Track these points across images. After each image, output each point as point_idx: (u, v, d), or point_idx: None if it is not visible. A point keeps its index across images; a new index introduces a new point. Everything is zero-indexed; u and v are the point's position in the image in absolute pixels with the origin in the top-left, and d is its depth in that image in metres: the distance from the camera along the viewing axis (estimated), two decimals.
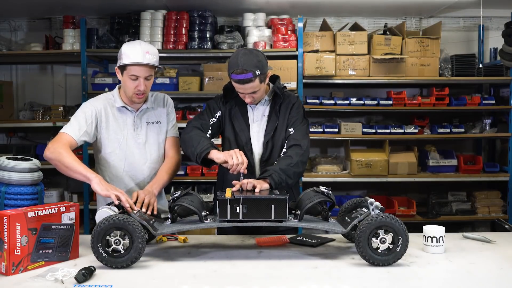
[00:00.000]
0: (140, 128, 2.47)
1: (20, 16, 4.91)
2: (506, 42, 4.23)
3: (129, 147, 2.44)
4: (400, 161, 4.51)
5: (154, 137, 2.50)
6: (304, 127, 2.45)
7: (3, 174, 2.09)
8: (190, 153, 2.32)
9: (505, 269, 1.86)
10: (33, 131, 4.90)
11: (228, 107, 2.50)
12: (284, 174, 2.21)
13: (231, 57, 2.34)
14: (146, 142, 2.47)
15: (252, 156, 2.45)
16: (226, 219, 1.93)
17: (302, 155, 2.32)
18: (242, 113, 2.48)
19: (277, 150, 2.43)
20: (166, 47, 4.42)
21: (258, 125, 2.48)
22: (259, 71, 2.28)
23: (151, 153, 2.49)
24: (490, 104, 4.59)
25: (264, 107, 2.49)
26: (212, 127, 2.45)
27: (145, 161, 2.48)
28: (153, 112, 2.52)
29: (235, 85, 2.34)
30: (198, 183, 4.70)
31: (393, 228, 1.85)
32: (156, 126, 2.51)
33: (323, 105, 4.51)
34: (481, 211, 4.60)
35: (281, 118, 2.45)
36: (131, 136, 2.45)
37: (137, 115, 2.47)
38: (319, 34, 4.49)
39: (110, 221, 1.82)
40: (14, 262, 1.77)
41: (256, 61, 2.28)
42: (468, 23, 5.00)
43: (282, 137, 2.44)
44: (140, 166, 2.47)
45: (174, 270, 1.86)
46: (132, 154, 2.45)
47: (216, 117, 2.48)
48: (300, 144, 2.34)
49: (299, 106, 2.52)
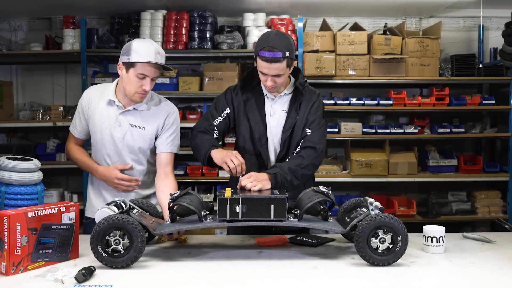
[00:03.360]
0: (121, 127, 2.41)
1: (20, 16, 4.91)
2: (506, 42, 4.23)
3: (106, 141, 2.42)
4: (400, 161, 4.51)
5: (130, 140, 2.41)
6: (322, 129, 2.38)
7: (3, 174, 2.09)
8: (199, 159, 2.33)
9: (505, 269, 1.86)
10: (33, 131, 4.90)
11: (243, 98, 2.41)
12: (291, 174, 2.19)
13: (261, 36, 2.28)
14: (122, 141, 2.41)
15: (267, 152, 2.39)
16: (226, 219, 1.93)
17: (315, 158, 2.29)
18: (258, 105, 2.39)
19: (293, 149, 2.36)
20: (166, 47, 4.42)
21: (276, 120, 2.39)
22: (289, 54, 2.21)
23: (125, 152, 2.42)
24: (490, 104, 4.59)
25: (284, 101, 2.41)
26: (218, 127, 2.39)
27: (119, 158, 2.43)
28: (141, 115, 2.41)
29: (261, 63, 2.24)
30: (198, 183, 4.71)
31: (392, 228, 1.85)
32: (138, 131, 2.41)
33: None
34: (481, 211, 4.60)
35: (300, 116, 2.37)
36: (109, 130, 2.41)
37: (122, 112, 2.40)
38: (319, 34, 4.49)
39: (109, 221, 1.82)
40: (14, 262, 1.77)
41: (287, 43, 2.22)
42: (468, 23, 5.01)
43: (299, 136, 2.36)
44: (115, 161, 2.45)
45: (174, 270, 1.86)
46: (105, 147, 2.44)
47: (223, 115, 2.40)
48: (315, 147, 2.30)
49: (319, 105, 2.43)
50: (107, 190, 2.47)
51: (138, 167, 2.47)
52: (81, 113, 2.48)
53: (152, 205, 2.18)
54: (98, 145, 2.46)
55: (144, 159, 2.47)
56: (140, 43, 2.29)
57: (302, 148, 2.32)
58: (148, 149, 2.46)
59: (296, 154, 2.30)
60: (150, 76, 2.30)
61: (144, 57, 2.26)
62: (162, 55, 2.32)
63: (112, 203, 1.99)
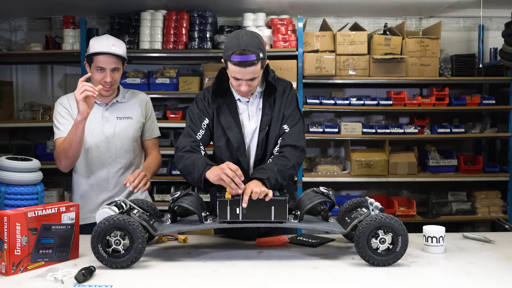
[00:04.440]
0: (109, 122, 2.52)
1: (20, 16, 4.91)
2: (506, 42, 4.22)
3: (94, 140, 2.49)
4: (400, 161, 4.51)
5: (122, 131, 2.54)
6: (299, 124, 2.25)
7: (3, 174, 2.09)
8: (192, 181, 2.12)
9: (505, 269, 1.86)
10: (33, 131, 4.89)
11: (215, 106, 2.24)
12: (280, 176, 2.09)
13: (228, 39, 2.12)
14: (114, 135, 2.52)
15: (247, 159, 2.25)
16: (226, 220, 1.93)
17: (299, 157, 2.18)
18: (231, 111, 2.23)
19: (271, 148, 2.23)
20: (166, 47, 4.42)
21: (255, 121, 2.26)
22: (262, 55, 2.09)
23: (117, 146, 2.53)
24: (490, 104, 4.59)
25: (258, 100, 2.27)
26: (202, 141, 2.22)
27: (110, 155, 2.53)
28: (124, 107, 2.57)
29: (233, 68, 2.08)
30: None
31: (392, 228, 1.85)
32: (126, 121, 2.56)
33: (323, 105, 4.51)
34: (481, 211, 4.60)
35: (276, 111, 2.23)
36: (98, 129, 2.50)
37: (106, 108, 2.52)
38: (319, 34, 4.48)
39: (110, 221, 1.82)
40: (14, 262, 1.77)
41: (258, 42, 2.09)
42: (468, 23, 5.00)
43: (276, 133, 2.23)
44: (104, 160, 2.52)
45: (174, 270, 1.86)
46: (97, 148, 2.50)
47: (203, 127, 2.23)
48: (296, 144, 2.18)
49: (293, 97, 2.29)
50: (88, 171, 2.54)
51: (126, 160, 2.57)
52: (68, 115, 2.50)
53: (152, 205, 2.18)
54: (86, 145, 2.49)
55: (133, 149, 2.58)
56: (95, 39, 2.46)
57: (282, 146, 2.19)
58: (138, 136, 2.61)
59: (278, 154, 2.17)
60: (108, 68, 2.41)
61: (97, 49, 2.39)
62: (119, 46, 2.43)
63: (113, 203, 1.99)
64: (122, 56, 2.45)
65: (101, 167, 2.53)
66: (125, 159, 2.57)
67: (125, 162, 2.57)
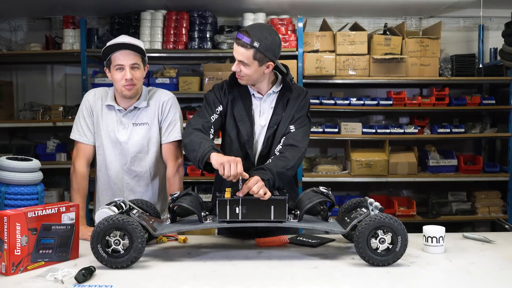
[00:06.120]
0: (125, 129, 2.41)
1: (20, 16, 4.91)
2: (506, 42, 4.23)
3: (107, 145, 2.42)
4: (400, 161, 4.51)
5: (137, 138, 2.41)
6: (305, 127, 2.31)
7: (3, 174, 2.09)
8: (193, 159, 2.13)
9: (505, 269, 1.86)
10: (33, 131, 4.90)
11: (230, 97, 2.31)
12: (279, 178, 2.10)
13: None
14: (128, 142, 2.41)
15: (253, 153, 2.30)
16: (226, 220, 1.93)
17: (299, 158, 2.20)
18: (245, 104, 2.30)
19: (275, 146, 2.27)
20: (166, 47, 4.42)
21: (266, 119, 2.31)
22: (261, 48, 2.11)
23: (129, 153, 2.42)
24: (490, 104, 4.60)
25: (272, 99, 2.33)
26: (214, 124, 2.26)
27: (126, 162, 2.43)
28: (143, 113, 2.42)
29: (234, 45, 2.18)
30: (198, 183, 4.71)
31: (392, 228, 1.85)
32: (143, 128, 2.42)
33: (323, 105, 4.51)
34: (481, 211, 4.60)
35: (287, 113, 2.29)
36: (113, 134, 2.41)
37: (123, 114, 2.41)
38: (319, 34, 4.49)
39: (109, 222, 1.82)
40: (14, 262, 1.77)
41: (264, 37, 2.11)
42: (468, 23, 5.01)
43: (282, 132, 2.27)
44: (117, 167, 2.44)
45: (174, 270, 1.86)
46: (110, 154, 2.43)
47: (217, 112, 2.28)
48: (298, 145, 2.21)
49: (306, 103, 2.36)
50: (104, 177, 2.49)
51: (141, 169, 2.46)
52: (87, 117, 2.44)
53: (152, 205, 2.19)
54: (100, 149, 2.45)
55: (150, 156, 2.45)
56: (110, 41, 2.34)
57: (285, 146, 2.22)
58: (157, 142, 2.45)
59: (279, 155, 2.18)
60: (126, 64, 2.28)
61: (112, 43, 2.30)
62: (136, 42, 2.33)
63: (112, 203, 1.99)
64: (139, 48, 2.31)
65: (117, 174, 2.45)
66: (139, 168, 2.45)
67: (140, 170, 2.46)
